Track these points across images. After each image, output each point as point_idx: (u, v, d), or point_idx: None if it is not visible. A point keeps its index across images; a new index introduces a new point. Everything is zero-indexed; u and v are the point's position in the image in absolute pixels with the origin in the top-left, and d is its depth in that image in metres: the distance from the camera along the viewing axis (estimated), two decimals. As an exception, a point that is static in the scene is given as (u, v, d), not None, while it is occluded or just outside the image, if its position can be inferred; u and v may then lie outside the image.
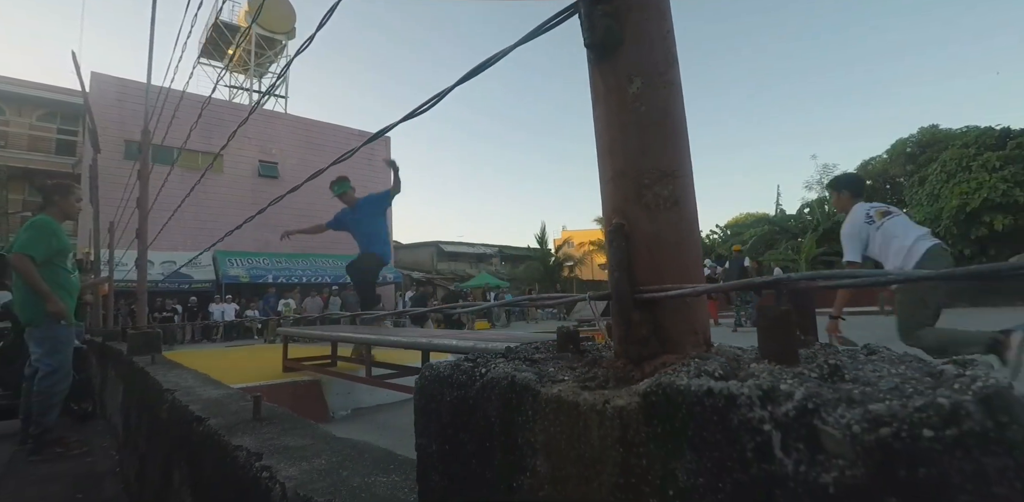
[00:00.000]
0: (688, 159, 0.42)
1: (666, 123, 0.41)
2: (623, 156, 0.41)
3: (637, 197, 0.40)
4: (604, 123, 0.42)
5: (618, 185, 0.41)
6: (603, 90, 0.42)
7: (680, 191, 0.40)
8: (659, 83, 0.41)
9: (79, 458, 2.89)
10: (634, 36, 0.41)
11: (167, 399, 1.14)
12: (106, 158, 11.76)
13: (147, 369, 1.70)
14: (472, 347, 2.12)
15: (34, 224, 2.82)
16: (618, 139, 0.41)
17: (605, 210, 0.43)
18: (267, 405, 0.88)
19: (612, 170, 0.42)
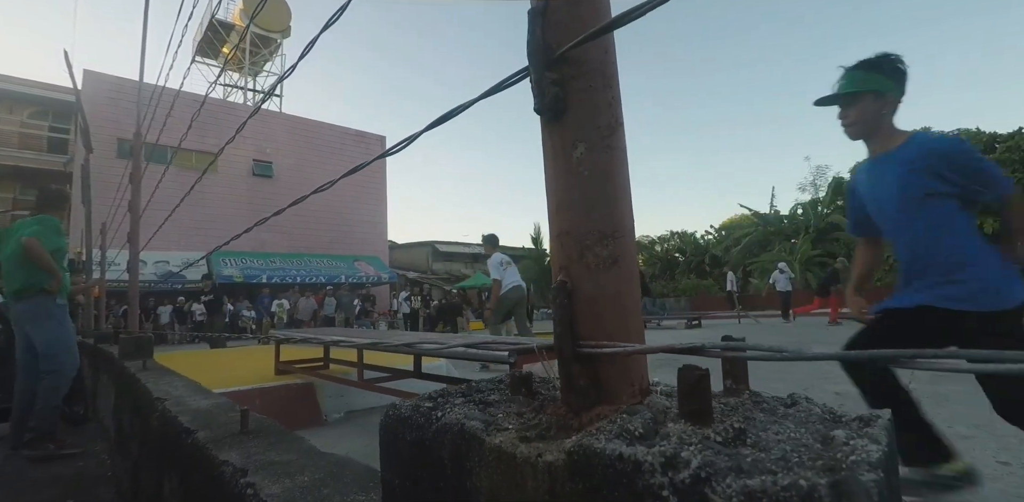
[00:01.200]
0: (630, 218, 0.45)
1: (608, 186, 0.43)
2: (568, 216, 0.43)
3: (579, 257, 0.42)
4: (552, 182, 0.45)
5: (563, 244, 0.44)
6: (551, 151, 0.45)
7: (620, 250, 0.42)
8: (601, 147, 0.43)
9: (71, 462, 2.89)
10: (579, 104, 0.43)
11: (158, 408, 1.16)
12: (98, 157, 11.70)
13: (138, 375, 1.72)
14: (463, 352, 2.15)
15: (43, 220, 3.01)
16: (564, 199, 0.44)
17: (553, 265, 0.45)
18: (255, 417, 0.90)
19: (559, 228, 0.44)
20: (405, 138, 0.64)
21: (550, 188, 0.46)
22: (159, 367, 2.01)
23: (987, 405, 1.47)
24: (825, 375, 4.17)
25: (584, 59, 0.44)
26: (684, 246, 29.19)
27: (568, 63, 0.43)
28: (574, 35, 0.42)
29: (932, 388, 3.41)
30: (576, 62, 0.43)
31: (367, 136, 21.10)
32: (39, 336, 2.91)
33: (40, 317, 2.91)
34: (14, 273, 2.94)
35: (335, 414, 3.54)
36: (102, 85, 15.19)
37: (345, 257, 18.49)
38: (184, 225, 15.24)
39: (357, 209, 19.86)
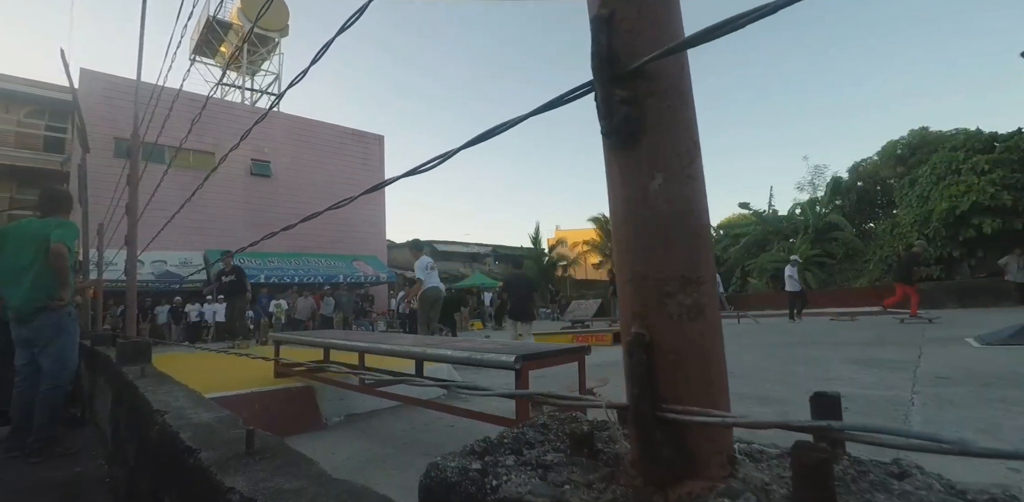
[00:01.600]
0: (712, 262, 0.39)
1: (689, 223, 0.37)
2: (644, 257, 0.37)
3: (659, 305, 0.36)
4: (622, 217, 0.39)
5: (638, 289, 0.38)
6: (620, 181, 0.39)
7: (705, 299, 0.36)
8: (682, 178, 0.37)
9: (69, 466, 2.85)
10: (656, 126, 0.37)
11: (157, 421, 1.12)
12: (95, 156, 11.63)
13: (137, 383, 1.68)
14: (468, 357, 2.11)
15: (66, 224, 2.98)
16: (636, 238, 0.38)
17: (624, 313, 0.39)
18: (261, 434, 0.86)
19: (631, 270, 0.38)
20: (440, 155, 0.60)
21: (619, 222, 0.40)
22: (158, 374, 1.97)
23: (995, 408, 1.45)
24: (828, 376, 4.15)
25: (661, 74, 0.38)
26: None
27: (643, 78, 0.38)
28: (647, 46, 0.37)
29: (935, 390, 3.38)
30: (651, 77, 0.38)
31: (366, 135, 21.03)
32: (52, 352, 2.85)
33: (56, 337, 2.85)
34: (33, 279, 2.81)
35: (335, 417, 3.51)
36: (99, 84, 15.10)
37: (343, 257, 18.44)
38: (181, 225, 15.13)
39: (355, 209, 19.77)
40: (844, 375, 4.18)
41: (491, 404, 3.40)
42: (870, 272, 18.33)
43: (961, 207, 13.86)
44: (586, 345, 2.29)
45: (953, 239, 14.49)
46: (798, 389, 3.71)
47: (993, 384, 3.45)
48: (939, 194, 14.80)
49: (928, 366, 4.37)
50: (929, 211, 15.08)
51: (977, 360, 4.51)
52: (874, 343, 6.12)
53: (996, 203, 13.24)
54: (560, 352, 2.15)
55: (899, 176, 20.09)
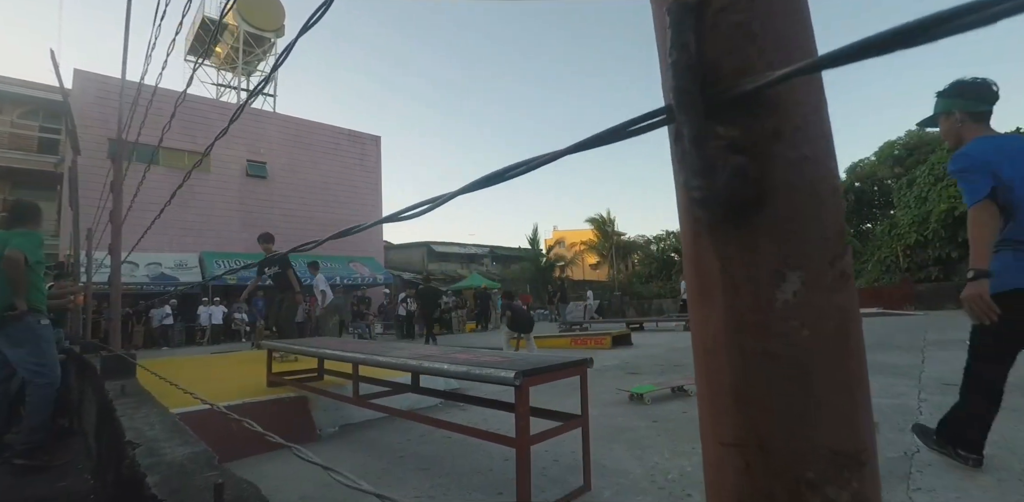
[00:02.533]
0: (872, 432, 0.24)
1: (844, 364, 0.23)
2: (762, 419, 0.23)
3: (792, 498, 0.22)
4: (722, 344, 0.24)
5: (748, 470, 0.23)
6: (719, 281, 0.25)
7: (868, 493, 0.23)
8: (833, 281, 0.23)
9: (53, 481, 2.76)
10: (788, 191, 0.23)
11: (128, 455, 1.03)
12: (88, 157, 11.50)
13: (115, 404, 1.59)
14: (466, 372, 2.02)
15: (27, 233, 3.02)
16: (752, 382, 0.23)
17: (711, 497, 0.25)
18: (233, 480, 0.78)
19: (732, 434, 0.24)
20: (438, 196, 0.50)
21: (708, 353, 0.26)
22: (140, 392, 1.88)
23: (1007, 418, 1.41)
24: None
25: (791, 103, 0.24)
26: (680, 246, 29.11)
27: (762, 109, 0.23)
28: (767, 56, 0.23)
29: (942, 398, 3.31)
30: (776, 108, 0.24)
31: (362, 136, 20.92)
32: (27, 357, 2.89)
33: (26, 341, 2.89)
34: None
35: (330, 428, 3.41)
36: (92, 85, 14.97)
37: (340, 258, 18.32)
38: (177, 226, 15.04)
39: (352, 210, 19.68)
40: None
41: (488, 414, 3.31)
42: (868, 273, 18.30)
43: (960, 208, 13.81)
44: (588, 358, 2.21)
45: (952, 240, 14.46)
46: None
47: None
48: (937, 195, 14.78)
49: (933, 371, 4.30)
50: (927, 212, 15.07)
51: (983, 365, 4.44)
52: (875, 347, 6.05)
53: (994, 204, 13.20)
54: (562, 366, 2.07)
55: (897, 177, 20.09)
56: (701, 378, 0.26)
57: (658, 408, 3.61)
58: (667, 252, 29.76)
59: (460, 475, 2.45)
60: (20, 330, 2.85)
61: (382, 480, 2.43)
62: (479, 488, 2.29)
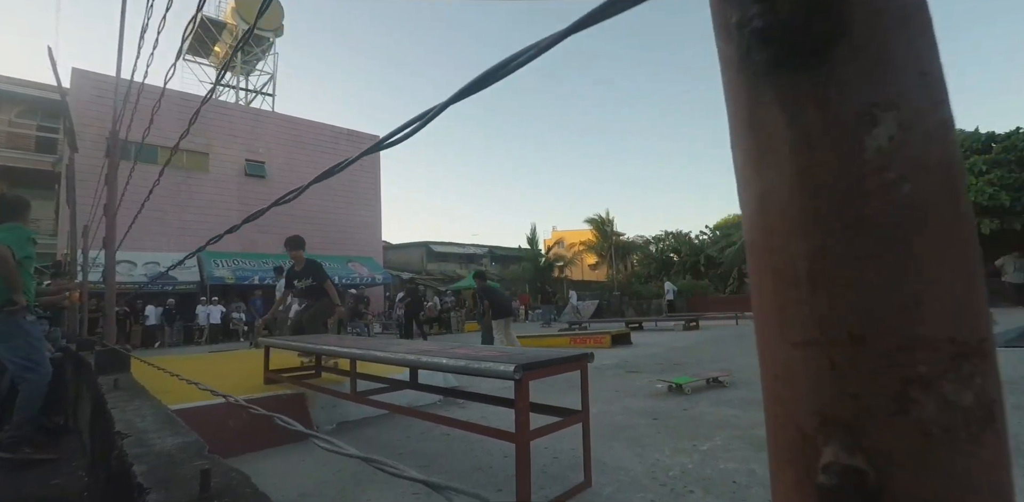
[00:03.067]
0: (991, 320, 0.20)
1: (950, 222, 0.19)
2: (851, 305, 0.19)
3: (897, 402, 0.18)
4: (794, 217, 0.20)
5: (835, 372, 0.19)
6: (785, 139, 0.21)
7: (990, 389, 0.19)
8: (931, 126, 0.20)
9: (47, 478, 2.74)
10: (869, 23, 0.19)
11: (117, 445, 1.00)
12: (86, 156, 11.47)
13: (107, 397, 1.56)
14: (464, 366, 1.99)
15: (12, 228, 2.95)
16: (834, 261, 0.19)
17: (792, 411, 0.21)
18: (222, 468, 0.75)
19: (809, 331, 0.20)
20: (401, 126, 0.48)
21: (772, 235, 0.22)
22: (133, 386, 1.85)
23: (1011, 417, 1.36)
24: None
25: None
26: (679, 246, 29.14)
27: None
28: None
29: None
30: None
31: (361, 135, 20.91)
32: (16, 352, 2.87)
33: (14, 336, 2.86)
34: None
35: (327, 425, 3.38)
36: (90, 83, 14.92)
37: (339, 258, 18.28)
38: (175, 226, 15.00)
39: (351, 209, 19.66)
40: None
41: (488, 411, 3.29)
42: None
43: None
44: (589, 352, 2.18)
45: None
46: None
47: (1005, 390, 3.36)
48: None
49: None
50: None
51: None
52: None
53: (995, 203, 13.19)
54: (562, 360, 2.04)
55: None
56: (761, 269, 0.22)
57: (659, 406, 3.58)
58: (666, 252, 29.76)
59: (459, 472, 2.43)
60: (9, 326, 2.82)
61: (380, 477, 2.39)
62: (479, 485, 2.26)
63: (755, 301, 0.23)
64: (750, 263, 0.23)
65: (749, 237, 0.23)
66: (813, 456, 0.19)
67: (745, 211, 0.23)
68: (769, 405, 0.22)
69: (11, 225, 3.00)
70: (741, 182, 0.23)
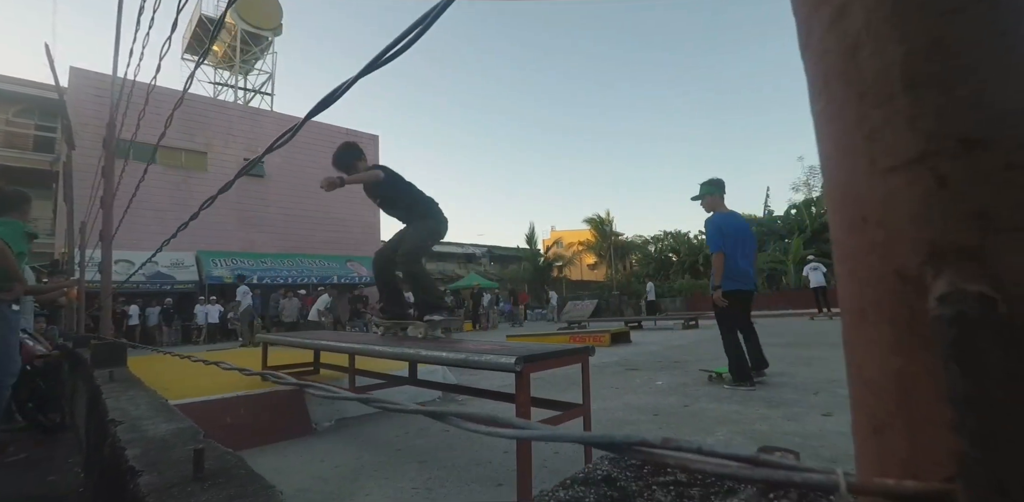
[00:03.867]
0: None
1: None
2: (970, 91, 0.16)
3: (1012, 206, 0.16)
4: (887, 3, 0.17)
5: (951, 181, 0.16)
6: None
7: None
8: None
9: (42, 475, 2.71)
10: None
11: (110, 433, 0.98)
12: (84, 155, 11.44)
13: (102, 388, 1.54)
14: (464, 359, 1.98)
15: (7, 222, 2.92)
16: (952, 51, 0.16)
17: (858, 272, 0.19)
18: (216, 451, 0.73)
19: (922, 137, 0.17)
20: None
21: (850, 22, 0.18)
22: (128, 378, 1.82)
23: None
24: (835, 378, 4.04)
25: None
26: (678, 246, 29.16)
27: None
28: None
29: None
30: None
31: (359, 135, 20.87)
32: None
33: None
34: None
35: (325, 422, 3.36)
36: (88, 82, 14.87)
37: (337, 257, 18.25)
38: (174, 225, 14.90)
39: (350, 209, 19.62)
40: None
41: (487, 408, 3.27)
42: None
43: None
44: (590, 346, 2.16)
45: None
46: (805, 391, 3.60)
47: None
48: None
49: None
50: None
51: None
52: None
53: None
54: (563, 353, 2.02)
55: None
56: (842, 98, 0.18)
57: (660, 402, 3.56)
58: (665, 252, 29.77)
59: (459, 467, 2.40)
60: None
61: (379, 472, 2.37)
62: (478, 480, 2.24)
63: (833, 140, 0.20)
64: (821, 102, 0.20)
65: (821, 65, 0.20)
66: (918, 298, 0.17)
67: (815, 34, 0.20)
68: (852, 256, 0.19)
69: (5, 219, 2.97)
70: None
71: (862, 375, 0.19)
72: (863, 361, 0.19)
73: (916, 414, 0.16)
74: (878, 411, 0.18)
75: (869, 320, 0.18)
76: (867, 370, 0.18)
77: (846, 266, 0.19)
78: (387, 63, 0.48)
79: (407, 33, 0.47)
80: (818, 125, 0.21)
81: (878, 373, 0.18)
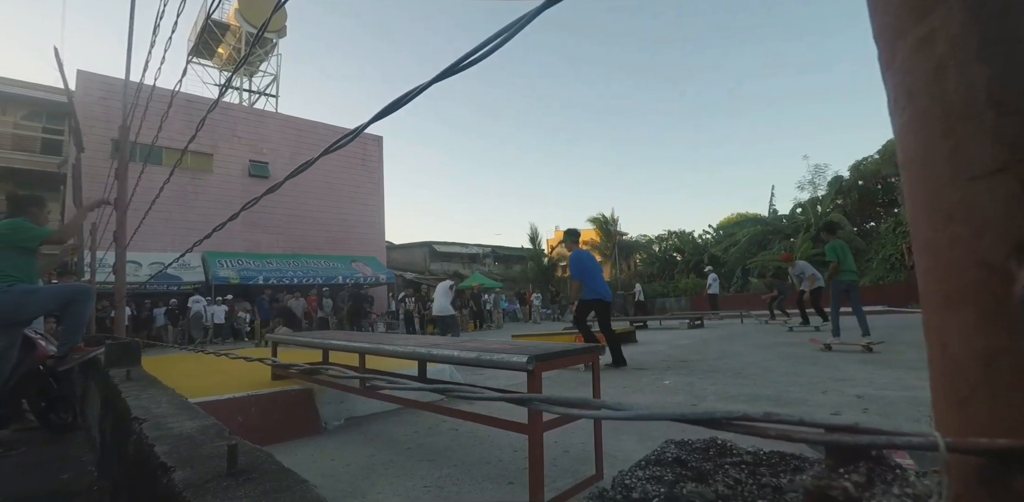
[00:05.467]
0: None
1: None
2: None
3: None
4: (971, 34, 0.19)
5: (1021, 177, 0.17)
6: None
7: None
8: None
9: (55, 474, 2.74)
10: None
11: (135, 430, 1.00)
12: (92, 157, 11.52)
13: (120, 387, 1.56)
14: (476, 358, 1.99)
15: (13, 221, 3.00)
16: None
17: (946, 263, 0.20)
18: (247, 448, 0.74)
19: (1005, 148, 0.18)
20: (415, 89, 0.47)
21: (934, 48, 0.20)
22: (145, 377, 1.85)
23: None
24: (841, 377, 4.04)
25: None
26: (682, 246, 29.11)
27: None
28: None
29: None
30: None
31: (365, 136, 20.92)
32: None
33: None
34: None
35: (335, 421, 3.38)
36: (96, 86, 14.99)
37: (342, 257, 18.31)
38: (180, 226, 15.02)
39: (354, 209, 19.69)
40: (858, 376, 4.07)
41: (495, 407, 3.28)
42: (873, 271, 18.23)
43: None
44: (600, 345, 2.18)
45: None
46: (812, 389, 3.60)
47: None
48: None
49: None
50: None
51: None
52: (884, 343, 6.00)
53: (1000, 201, 13.11)
54: (574, 351, 2.03)
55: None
56: (926, 114, 0.20)
57: (667, 401, 3.57)
58: (669, 252, 29.73)
59: (469, 465, 2.42)
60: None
61: (390, 470, 2.39)
62: (489, 478, 2.25)
63: (916, 149, 0.22)
64: (905, 115, 0.22)
65: (904, 83, 0.22)
66: (1004, 285, 0.19)
67: (899, 56, 0.22)
68: (936, 251, 0.21)
69: (13, 222, 3.04)
70: (894, 29, 0.22)
71: (946, 354, 0.21)
72: (947, 341, 0.20)
73: (998, 386, 0.18)
74: (962, 385, 0.20)
75: (953, 305, 0.20)
76: (951, 349, 0.20)
77: (928, 258, 0.21)
78: (465, 69, 0.50)
79: (491, 40, 0.48)
80: (899, 133, 0.22)
81: (963, 352, 0.20)
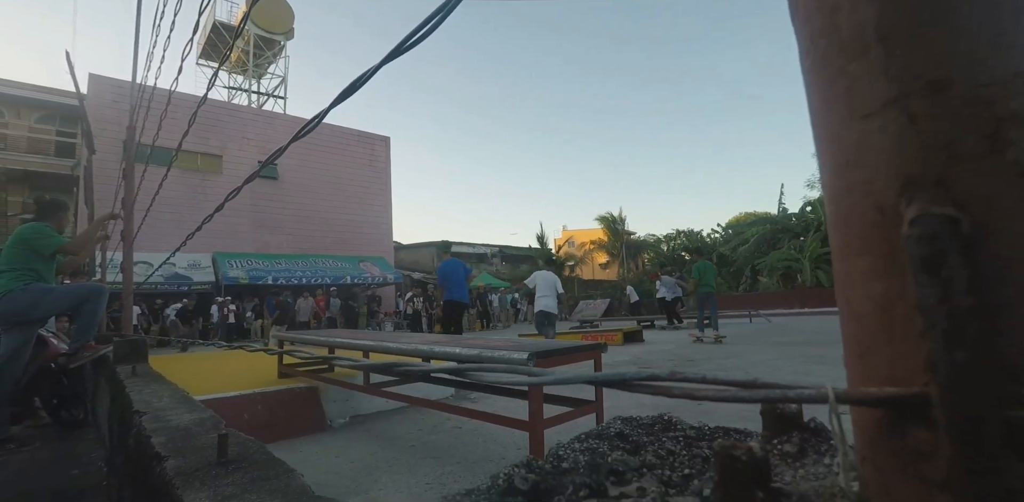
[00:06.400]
0: None
1: None
2: (934, 40, 0.18)
3: (990, 144, 0.17)
4: None
5: (914, 127, 0.18)
6: None
7: None
8: None
9: (65, 469, 2.78)
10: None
11: (135, 423, 1.01)
12: (103, 160, 11.66)
13: (125, 382, 1.58)
14: (477, 355, 2.00)
15: (34, 226, 3.09)
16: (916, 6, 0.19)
17: (844, 210, 0.21)
18: (239, 438, 0.75)
19: (894, 81, 0.18)
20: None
21: None
22: (150, 373, 1.87)
23: None
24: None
25: None
26: (691, 245, 28.95)
27: None
28: None
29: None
30: None
31: (371, 137, 21.03)
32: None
33: None
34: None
35: (340, 419, 3.40)
36: (107, 89, 15.18)
37: (350, 258, 18.40)
38: (188, 227, 15.11)
39: (362, 210, 19.77)
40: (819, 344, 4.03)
41: (499, 404, 3.28)
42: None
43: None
44: (602, 342, 2.17)
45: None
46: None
47: None
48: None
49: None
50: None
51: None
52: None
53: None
54: (575, 349, 2.03)
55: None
56: (824, 58, 0.21)
57: (672, 401, 3.56)
58: (677, 251, 29.58)
59: (471, 463, 2.42)
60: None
61: (393, 467, 2.40)
62: (491, 475, 2.26)
63: (818, 93, 0.22)
64: (808, 60, 0.22)
65: (807, 29, 0.22)
66: (896, 228, 0.19)
67: (802, 4, 0.23)
68: (838, 199, 0.21)
69: (33, 224, 3.11)
70: None
71: (850, 306, 0.21)
72: (851, 293, 0.21)
73: (895, 334, 0.19)
74: (863, 337, 0.20)
75: (853, 254, 0.20)
76: (854, 301, 0.20)
77: (832, 207, 0.22)
78: (408, 51, 0.50)
79: (425, 23, 0.49)
80: (806, 80, 0.23)
81: (862, 301, 0.20)
